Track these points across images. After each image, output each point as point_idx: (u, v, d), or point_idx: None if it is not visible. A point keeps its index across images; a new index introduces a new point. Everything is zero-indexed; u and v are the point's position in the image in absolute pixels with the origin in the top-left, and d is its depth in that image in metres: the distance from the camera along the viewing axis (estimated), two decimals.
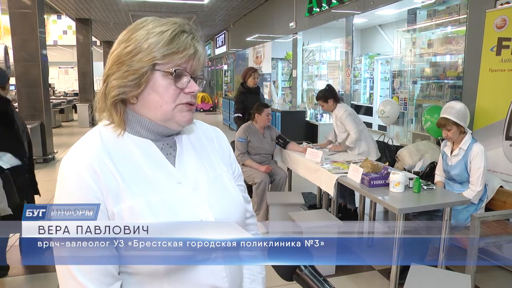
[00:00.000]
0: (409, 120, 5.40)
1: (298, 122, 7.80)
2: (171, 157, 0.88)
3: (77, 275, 0.73)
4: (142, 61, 0.79)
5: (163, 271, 0.77)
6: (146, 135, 0.86)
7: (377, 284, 2.91)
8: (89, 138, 0.84)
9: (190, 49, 0.81)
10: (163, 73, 0.81)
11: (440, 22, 4.76)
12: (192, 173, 0.88)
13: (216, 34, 15.38)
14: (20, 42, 6.44)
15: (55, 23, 16.20)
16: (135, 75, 0.80)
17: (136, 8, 10.39)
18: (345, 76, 6.54)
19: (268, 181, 3.95)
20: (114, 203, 0.77)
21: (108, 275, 0.75)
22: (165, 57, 0.80)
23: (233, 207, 0.90)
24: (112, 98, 0.82)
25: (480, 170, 2.79)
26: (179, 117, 0.84)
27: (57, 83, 20.26)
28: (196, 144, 0.94)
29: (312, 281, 0.63)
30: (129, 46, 0.80)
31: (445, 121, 2.86)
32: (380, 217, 4.27)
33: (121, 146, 0.83)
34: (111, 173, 0.78)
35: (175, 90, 0.82)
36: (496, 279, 2.95)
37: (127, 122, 0.85)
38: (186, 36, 0.82)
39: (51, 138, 7.15)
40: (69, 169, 0.77)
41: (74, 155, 0.80)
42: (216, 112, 16.72)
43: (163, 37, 0.80)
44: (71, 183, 0.76)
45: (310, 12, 7.08)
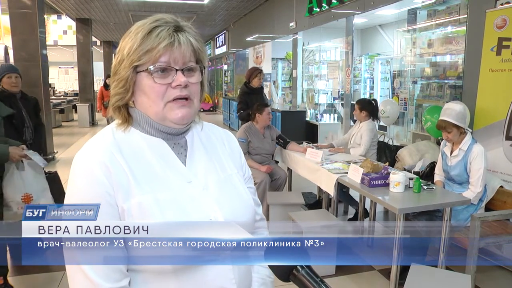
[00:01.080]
0: (409, 120, 5.40)
1: (298, 122, 7.80)
2: (182, 157, 0.89)
3: (86, 270, 0.73)
4: (126, 67, 0.81)
5: (170, 269, 0.78)
6: (156, 134, 0.87)
7: (377, 284, 2.91)
8: (102, 136, 0.85)
9: (164, 41, 0.80)
10: (144, 73, 0.81)
11: (440, 22, 4.76)
12: (203, 173, 0.88)
13: (216, 34, 15.38)
14: (20, 42, 6.44)
15: (55, 23, 16.21)
16: (122, 81, 0.82)
17: (136, 8, 10.40)
18: (345, 76, 6.54)
19: (269, 181, 3.95)
20: (124, 199, 0.78)
21: (117, 271, 0.76)
22: (141, 57, 0.80)
23: (243, 208, 0.90)
24: (112, 106, 0.86)
25: (480, 171, 2.78)
26: (171, 116, 0.83)
27: (57, 83, 20.27)
28: (207, 145, 0.94)
29: (309, 281, 0.63)
30: (119, 56, 0.83)
31: (445, 124, 2.85)
32: (380, 217, 4.27)
33: (132, 144, 0.84)
34: (122, 169, 0.79)
35: (160, 87, 0.81)
36: (496, 279, 2.95)
37: (136, 121, 0.87)
38: (161, 29, 0.80)
39: (51, 138, 7.15)
40: (81, 165, 0.79)
41: (87, 151, 0.81)
42: (216, 112, 16.72)
43: (137, 39, 0.80)
44: (83, 179, 0.77)
45: (310, 12, 7.08)
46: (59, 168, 6.45)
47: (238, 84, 13.35)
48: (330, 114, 8.03)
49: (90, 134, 10.36)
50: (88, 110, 11.80)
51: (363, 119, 4.08)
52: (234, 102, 11.16)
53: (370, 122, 4.07)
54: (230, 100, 11.80)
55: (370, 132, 4.00)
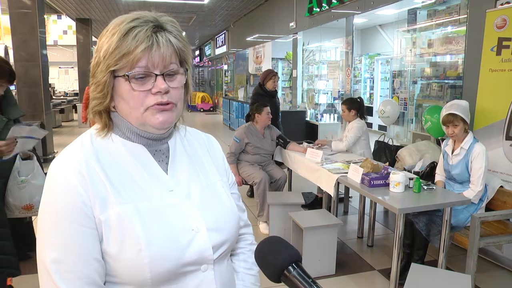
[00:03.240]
0: (409, 120, 5.40)
1: (298, 122, 7.80)
2: (163, 164, 0.85)
3: (58, 283, 0.70)
4: (102, 71, 0.76)
5: (150, 282, 0.74)
6: (137, 140, 0.82)
7: (377, 284, 2.91)
8: (80, 143, 0.81)
9: (142, 44, 0.73)
10: (122, 79, 0.76)
11: (440, 22, 4.76)
12: (185, 181, 0.85)
13: (216, 34, 15.38)
14: (20, 42, 6.44)
15: (55, 23, 16.21)
16: (100, 86, 0.77)
17: (136, 8, 10.27)
18: (345, 76, 6.54)
19: (268, 179, 3.95)
20: (101, 210, 0.74)
21: (93, 284, 0.72)
22: (118, 62, 0.74)
23: (226, 216, 0.87)
24: (91, 110, 0.81)
25: (481, 170, 2.79)
26: (151, 121, 0.78)
27: (57, 83, 20.25)
28: (190, 152, 0.91)
29: (300, 282, 0.63)
30: (96, 58, 0.78)
31: (453, 117, 2.85)
32: (380, 217, 4.27)
33: (111, 151, 0.80)
34: (99, 178, 0.75)
35: (139, 93, 0.76)
36: (496, 279, 2.95)
37: (117, 126, 0.82)
38: (138, 31, 0.74)
39: (51, 138, 7.16)
40: (57, 174, 0.75)
41: (63, 160, 0.77)
42: (216, 112, 16.72)
43: (112, 42, 0.74)
44: (58, 188, 0.73)
45: (310, 12, 7.08)
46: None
47: (238, 84, 13.35)
48: (330, 114, 8.03)
49: None
50: None
51: (351, 119, 4.11)
52: (234, 102, 11.16)
53: (359, 120, 4.11)
54: (230, 100, 11.79)
55: (358, 129, 4.03)
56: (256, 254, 0.70)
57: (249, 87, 11.78)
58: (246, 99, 10.66)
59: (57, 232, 0.71)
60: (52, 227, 0.72)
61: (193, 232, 0.79)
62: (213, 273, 0.82)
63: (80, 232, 0.72)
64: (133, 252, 0.72)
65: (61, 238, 0.71)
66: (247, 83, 12.29)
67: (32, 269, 3.04)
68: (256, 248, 0.70)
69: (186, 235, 0.78)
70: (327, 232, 2.95)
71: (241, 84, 12.93)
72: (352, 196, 4.80)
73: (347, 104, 4.14)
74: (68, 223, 0.72)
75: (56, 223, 0.72)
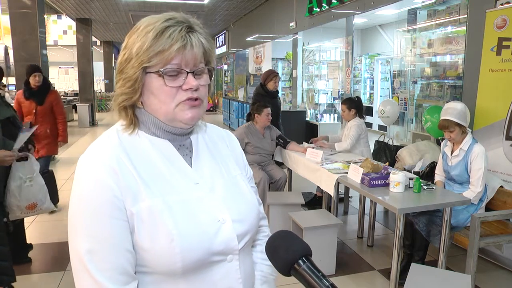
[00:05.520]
0: (409, 120, 5.40)
1: (298, 122, 7.80)
2: (187, 158, 0.88)
3: (93, 272, 0.72)
4: (134, 67, 0.79)
5: (180, 271, 0.77)
6: (162, 135, 0.85)
7: (377, 284, 2.91)
8: (107, 138, 0.83)
9: (177, 43, 0.77)
10: (154, 75, 0.79)
11: (440, 22, 4.76)
12: (208, 175, 0.88)
13: (216, 34, 15.38)
14: (20, 42, 6.45)
15: (55, 23, 16.22)
16: (130, 81, 0.80)
17: (136, 8, 10.40)
18: (345, 76, 6.55)
19: (267, 179, 3.95)
20: (132, 203, 0.76)
21: (125, 273, 0.75)
22: (152, 59, 0.77)
23: (249, 209, 0.91)
24: (118, 105, 0.83)
25: (480, 171, 2.78)
26: (181, 116, 0.82)
27: (57, 83, 20.23)
28: (211, 146, 0.95)
29: (310, 276, 0.63)
30: (126, 54, 0.80)
31: (447, 123, 2.84)
32: (380, 217, 4.27)
33: (137, 146, 0.83)
34: (129, 172, 0.78)
35: (171, 89, 0.80)
36: (496, 279, 2.95)
37: (143, 123, 0.85)
38: (173, 30, 0.77)
39: None
40: (87, 169, 0.77)
41: (92, 155, 0.79)
42: (216, 112, 16.72)
43: (147, 39, 0.77)
44: (89, 183, 0.75)
45: (310, 12, 7.08)
46: (59, 167, 6.45)
47: (238, 84, 13.35)
48: (330, 114, 8.04)
49: (90, 134, 10.36)
50: (88, 110, 11.81)
51: (351, 118, 4.14)
52: (234, 102, 11.15)
53: (357, 119, 4.15)
54: (230, 100, 11.79)
55: (358, 127, 4.07)
56: (267, 248, 0.71)
57: (249, 87, 11.78)
58: (246, 99, 10.66)
59: (91, 225, 0.74)
60: (85, 220, 0.74)
61: (219, 223, 0.82)
62: (238, 264, 0.85)
63: (112, 224, 0.75)
64: (165, 243, 0.75)
65: (94, 231, 0.74)
66: (247, 83, 12.29)
67: (33, 269, 3.05)
68: (267, 241, 0.72)
69: (213, 225, 0.81)
70: (327, 232, 2.95)
71: (241, 84, 12.94)
72: (352, 196, 4.80)
73: (347, 103, 4.18)
74: (101, 216, 0.74)
75: (89, 216, 0.74)
